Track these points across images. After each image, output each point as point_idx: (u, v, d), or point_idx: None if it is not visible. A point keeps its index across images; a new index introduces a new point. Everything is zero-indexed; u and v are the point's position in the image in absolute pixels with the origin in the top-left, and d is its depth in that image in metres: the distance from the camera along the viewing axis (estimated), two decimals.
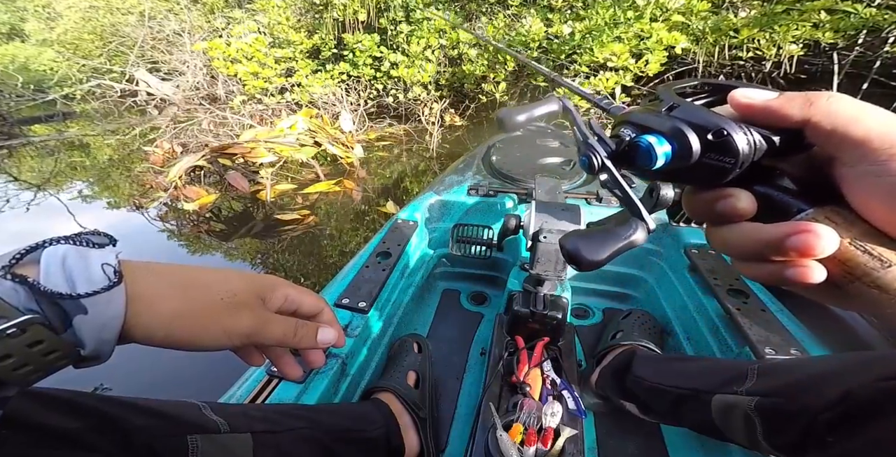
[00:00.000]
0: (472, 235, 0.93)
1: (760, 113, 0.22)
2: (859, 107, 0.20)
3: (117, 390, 1.21)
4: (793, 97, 0.22)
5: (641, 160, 0.24)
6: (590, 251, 0.26)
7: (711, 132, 0.22)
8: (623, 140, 0.26)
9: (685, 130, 0.23)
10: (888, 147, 0.19)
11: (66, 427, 0.34)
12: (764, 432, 0.50)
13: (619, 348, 0.83)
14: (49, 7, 6.37)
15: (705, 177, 0.23)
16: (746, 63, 3.55)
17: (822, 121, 0.20)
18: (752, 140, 0.21)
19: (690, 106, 0.24)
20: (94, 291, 0.26)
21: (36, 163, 3.59)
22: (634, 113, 0.26)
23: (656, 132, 0.24)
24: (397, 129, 3.86)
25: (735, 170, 0.22)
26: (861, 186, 0.20)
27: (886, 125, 0.19)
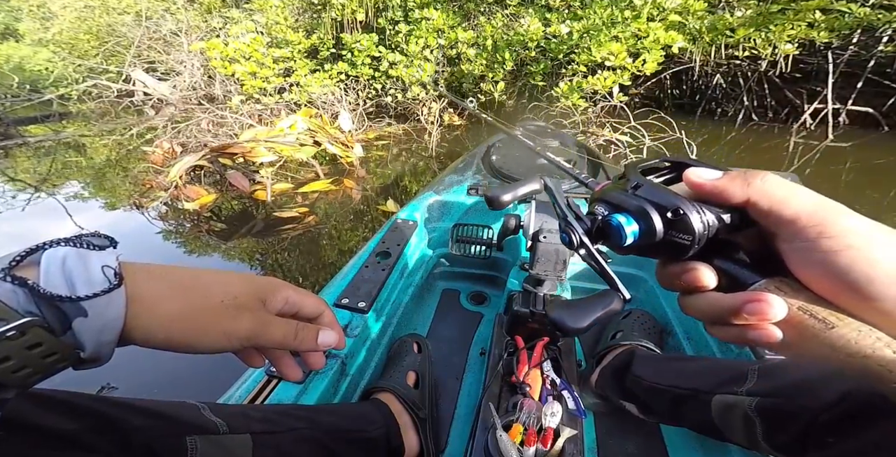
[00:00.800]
0: (472, 234, 0.93)
1: (709, 192, 0.25)
2: (789, 188, 0.23)
3: (117, 390, 1.22)
4: (734, 177, 0.25)
5: (613, 238, 0.27)
6: (573, 320, 0.30)
7: (670, 211, 0.25)
8: (597, 218, 0.29)
9: (649, 211, 0.26)
10: (815, 225, 0.22)
11: (64, 428, 0.34)
12: (764, 432, 0.50)
13: (619, 347, 0.83)
14: (44, 7, 6.32)
15: (670, 252, 0.26)
16: (742, 62, 3.58)
17: (759, 201, 0.23)
18: (704, 219, 0.24)
19: (652, 185, 0.27)
20: (94, 293, 0.26)
21: (32, 163, 3.57)
22: (606, 191, 0.29)
23: (625, 211, 0.27)
24: (396, 128, 3.86)
25: (694, 246, 0.25)
26: (798, 260, 0.23)
27: (813, 205, 0.22)
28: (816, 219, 0.22)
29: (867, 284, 0.21)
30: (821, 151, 3.28)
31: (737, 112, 4.14)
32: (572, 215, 0.32)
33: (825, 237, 0.22)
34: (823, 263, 0.22)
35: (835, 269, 0.21)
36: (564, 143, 1.33)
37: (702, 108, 4.34)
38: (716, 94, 4.26)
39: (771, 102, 4.05)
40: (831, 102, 3.54)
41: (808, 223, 0.22)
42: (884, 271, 0.20)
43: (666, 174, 0.29)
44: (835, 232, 0.21)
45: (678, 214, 0.25)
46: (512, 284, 0.85)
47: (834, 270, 0.21)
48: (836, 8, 2.64)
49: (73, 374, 0.30)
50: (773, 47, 2.94)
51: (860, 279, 0.21)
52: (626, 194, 0.27)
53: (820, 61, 3.55)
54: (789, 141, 3.54)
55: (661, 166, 0.30)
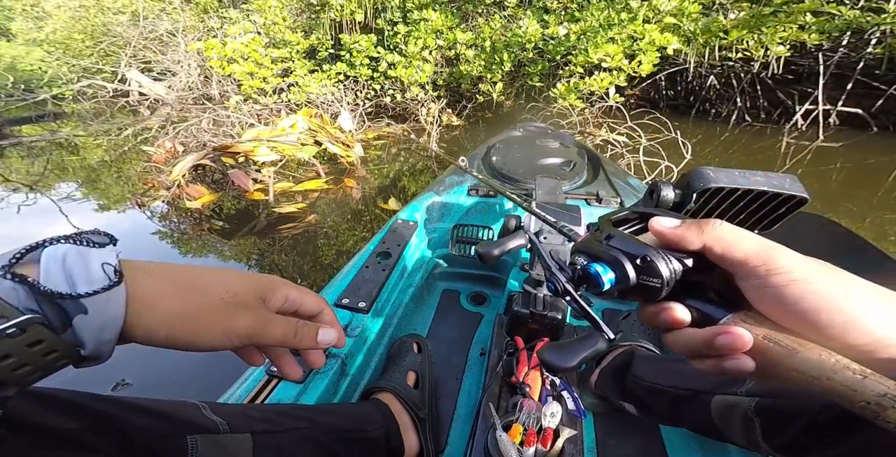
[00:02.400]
0: (472, 235, 0.93)
1: (671, 240, 0.28)
2: (736, 233, 0.26)
3: (131, 387, 1.21)
4: (690, 226, 0.28)
5: (593, 285, 0.30)
6: (562, 361, 0.32)
7: (639, 258, 0.28)
8: (577, 267, 0.32)
9: (621, 260, 0.29)
10: (762, 264, 0.25)
11: (65, 427, 0.34)
12: (763, 432, 0.50)
13: (619, 348, 0.83)
14: (37, 6, 6.28)
15: (644, 294, 0.29)
16: (735, 64, 3.61)
17: (713, 246, 0.27)
18: (670, 265, 0.27)
19: (622, 236, 0.30)
20: (94, 290, 0.26)
21: (27, 163, 3.55)
22: (584, 243, 0.32)
23: (601, 260, 0.30)
24: (395, 128, 3.86)
25: (664, 288, 0.27)
26: (755, 296, 0.26)
27: (757, 247, 0.25)
28: (762, 258, 0.25)
29: (816, 313, 0.23)
30: (812, 151, 3.32)
31: (730, 113, 4.18)
32: (556, 267, 0.35)
33: (773, 274, 0.24)
34: (775, 297, 0.24)
35: (785, 301, 0.24)
36: (564, 143, 1.33)
37: (696, 109, 4.38)
38: (710, 95, 4.30)
39: (763, 103, 4.10)
40: (822, 103, 3.58)
41: (756, 263, 0.25)
42: (826, 301, 0.23)
43: (636, 224, 0.33)
44: (780, 269, 0.24)
45: (646, 261, 0.28)
46: (512, 284, 0.85)
47: (785, 301, 0.24)
48: (826, 10, 2.69)
49: (86, 372, 0.30)
50: (765, 49, 2.99)
51: (809, 309, 0.23)
52: (601, 245, 0.30)
53: (811, 63, 3.60)
54: (781, 141, 3.58)
55: (631, 218, 0.34)
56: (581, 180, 1.14)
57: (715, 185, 0.42)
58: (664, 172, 2.63)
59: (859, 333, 0.23)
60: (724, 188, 0.42)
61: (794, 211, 0.39)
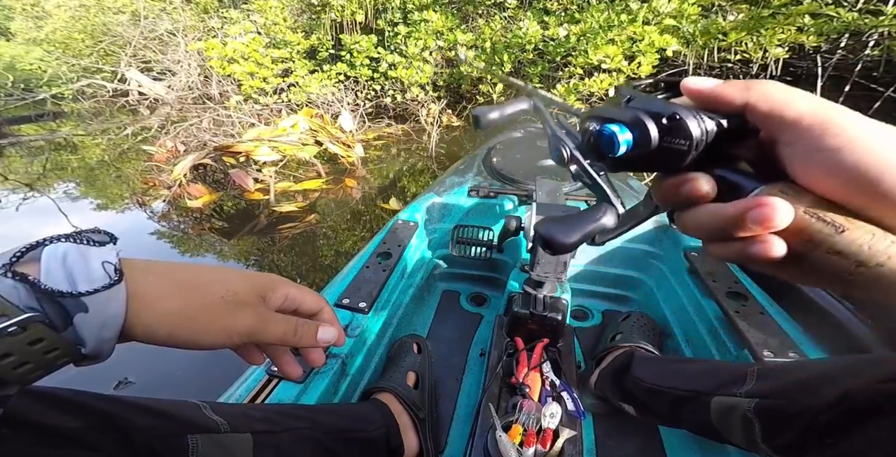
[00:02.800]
0: (473, 236, 0.93)
1: (707, 98, 0.24)
2: (789, 91, 0.22)
3: (134, 385, 1.21)
4: (733, 83, 0.24)
5: (606, 148, 0.26)
6: (562, 234, 0.28)
7: (665, 117, 0.24)
8: (588, 132, 0.28)
9: (642, 117, 0.24)
10: (818, 124, 0.21)
11: (66, 426, 0.34)
12: (763, 433, 0.50)
13: (618, 349, 0.83)
14: (37, 6, 6.27)
15: (666, 162, 0.25)
16: (734, 65, 3.62)
17: (759, 104, 0.22)
18: (702, 124, 0.23)
19: (646, 96, 0.26)
20: (95, 289, 0.26)
21: (26, 162, 3.54)
22: (598, 108, 0.28)
23: (618, 122, 0.26)
24: (395, 129, 3.86)
25: (691, 152, 0.23)
26: (802, 163, 0.22)
27: (815, 106, 0.21)
28: (819, 118, 0.21)
29: (877, 180, 0.19)
30: None
31: None
32: (563, 131, 0.30)
33: (829, 135, 0.20)
34: (829, 162, 0.20)
35: (841, 166, 0.20)
36: None
37: None
38: None
39: None
40: None
41: (811, 122, 0.21)
42: (893, 165, 0.19)
43: (663, 94, 0.28)
44: (839, 130, 0.20)
45: (674, 119, 0.23)
46: (512, 285, 0.85)
47: (840, 167, 0.20)
48: (824, 12, 2.70)
49: (88, 370, 0.30)
50: (763, 51, 3.00)
51: (869, 174, 0.19)
52: (619, 107, 0.26)
53: (809, 65, 3.60)
54: None
55: (657, 88, 0.29)
56: None
57: None
58: None
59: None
60: None
61: None
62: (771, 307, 0.77)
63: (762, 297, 0.81)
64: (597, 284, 1.10)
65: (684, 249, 0.95)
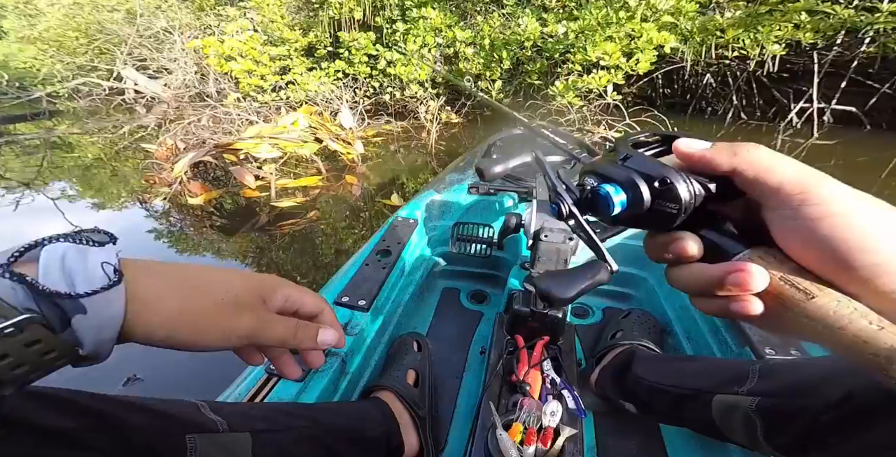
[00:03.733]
0: (473, 233, 0.93)
1: (697, 162, 0.25)
2: (774, 157, 0.23)
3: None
4: (722, 147, 0.25)
5: (602, 208, 0.28)
6: (560, 290, 0.30)
7: (657, 180, 0.25)
8: (586, 189, 0.29)
9: (637, 181, 0.26)
10: (799, 193, 0.22)
11: (64, 426, 0.34)
12: (764, 432, 0.50)
13: (619, 347, 0.83)
14: (30, 4, 6.21)
15: (657, 222, 0.26)
16: (732, 62, 3.63)
17: (745, 170, 0.24)
18: (691, 188, 0.25)
19: (641, 156, 0.27)
20: (94, 290, 0.26)
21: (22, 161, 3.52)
22: (596, 163, 0.29)
23: (614, 181, 0.27)
24: (395, 126, 3.86)
25: (680, 215, 0.25)
26: (782, 229, 0.23)
27: (797, 173, 0.22)
28: (800, 186, 0.22)
29: (847, 252, 0.21)
30: (807, 149, 3.36)
31: (726, 111, 4.22)
32: (562, 186, 0.32)
33: (808, 205, 0.22)
34: (806, 231, 0.22)
35: (816, 236, 0.21)
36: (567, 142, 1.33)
37: (692, 107, 4.41)
38: (706, 94, 4.33)
39: (759, 101, 4.13)
40: (816, 102, 3.62)
41: (791, 191, 0.22)
42: (863, 239, 0.20)
43: (656, 148, 0.30)
44: (817, 199, 0.22)
45: (665, 184, 0.25)
46: (512, 283, 0.85)
47: (816, 237, 0.21)
48: (821, 10, 2.72)
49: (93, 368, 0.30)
50: (760, 48, 3.02)
51: (840, 247, 0.21)
52: (616, 166, 0.27)
53: (806, 61, 3.62)
54: (777, 139, 3.62)
55: (651, 140, 0.30)
56: None
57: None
58: None
59: (890, 278, 0.20)
60: None
61: None
62: None
63: None
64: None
65: None
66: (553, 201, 0.32)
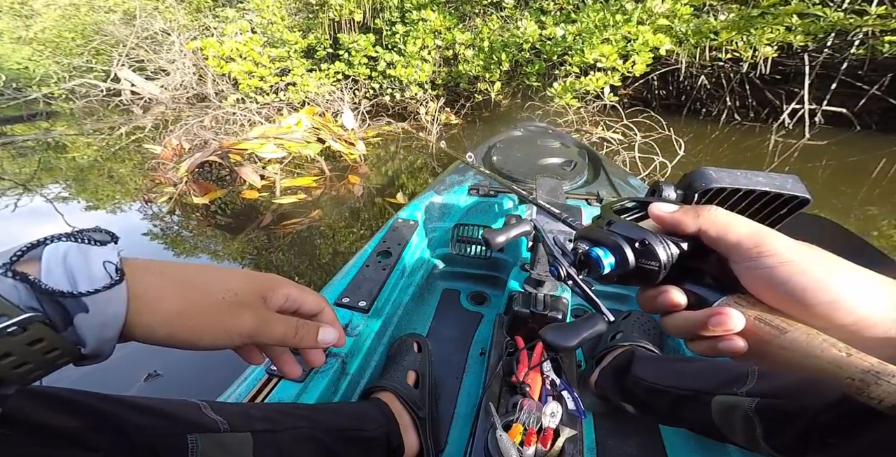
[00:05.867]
0: (473, 235, 0.93)
1: (668, 223, 0.30)
2: (730, 217, 0.28)
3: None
4: (687, 211, 0.29)
5: (594, 269, 0.32)
6: (563, 340, 0.34)
7: (637, 242, 0.29)
8: (579, 252, 0.33)
9: (621, 244, 0.30)
10: (755, 246, 0.26)
11: (66, 426, 0.34)
12: (764, 432, 0.50)
13: (619, 348, 0.83)
14: (26, 5, 6.18)
15: (643, 278, 0.30)
16: (725, 64, 3.67)
17: (708, 229, 0.28)
18: (667, 248, 0.29)
19: (622, 222, 0.31)
20: (96, 289, 0.26)
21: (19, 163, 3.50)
22: (586, 230, 0.34)
23: (602, 245, 0.31)
24: (395, 127, 3.87)
25: (662, 271, 0.29)
26: (747, 277, 0.27)
27: (750, 230, 0.27)
28: (755, 241, 0.26)
29: (802, 292, 0.24)
30: (799, 150, 3.39)
31: (720, 112, 4.26)
32: (559, 252, 0.37)
33: (764, 256, 0.25)
34: (766, 277, 0.26)
35: (775, 281, 0.25)
36: (565, 143, 1.33)
37: (687, 108, 4.44)
38: (700, 95, 4.37)
39: (752, 103, 4.18)
40: (808, 103, 3.65)
41: (748, 245, 0.26)
42: (815, 280, 0.24)
43: (637, 212, 0.34)
44: (771, 251, 0.25)
45: (644, 245, 0.29)
46: (512, 284, 0.85)
47: (774, 282, 0.25)
48: (811, 12, 2.76)
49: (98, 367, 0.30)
50: (753, 50, 3.06)
51: (796, 288, 0.24)
52: (602, 231, 0.32)
53: (797, 63, 3.67)
54: (769, 139, 3.66)
55: (631, 206, 0.35)
56: (582, 180, 1.14)
57: (717, 185, 0.42)
58: (658, 167, 2.69)
59: (844, 312, 0.24)
60: (726, 189, 0.42)
61: (795, 212, 0.39)
62: None
63: None
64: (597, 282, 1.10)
65: None
66: (552, 265, 0.37)
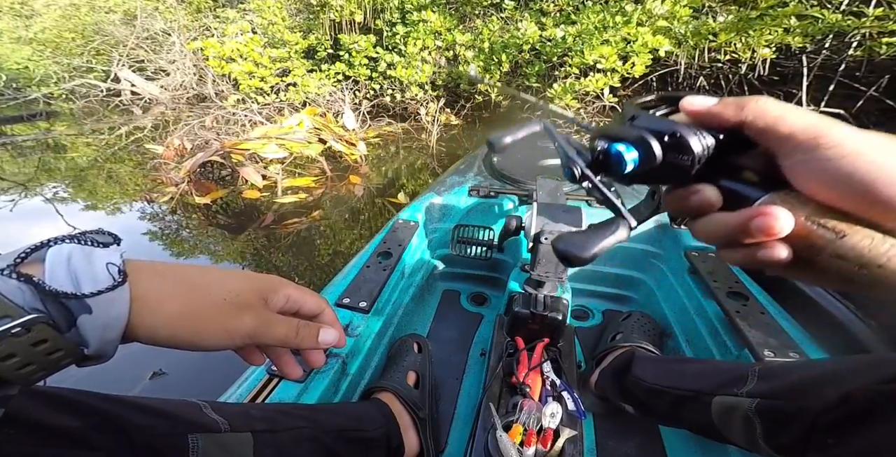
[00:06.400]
0: (473, 235, 0.93)
1: (705, 116, 0.26)
2: (782, 108, 0.23)
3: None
4: (728, 102, 0.25)
5: (615, 167, 0.28)
6: (579, 249, 0.29)
7: (667, 135, 0.25)
8: (597, 150, 0.29)
9: (647, 137, 0.26)
10: (812, 138, 0.22)
11: (67, 426, 0.34)
12: (764, 433, 0.50)
13: (619, 349, 0.83)
14: (26, 5, 6.17)
15: (673, 176, 0.26)
16: (724, 65, 3.67)
17: (754, 121, 0.24)
18: (702, 140, 0.25)
19: (648, 116, 0.27)
20: (99, 290, 0.26)
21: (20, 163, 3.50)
22: (605, 127, 0.30)
23: (624, 141, 0.27)
24: (396, 127, 3.87)
25: (695, 166, 0.25)
26: (801, 174, 0.23)
27: (807, 122, 0.23)
28: (812, 132, 0.22)
29: (871, 187, 0.20)
30: None
31: None
32: (573, 150, 0.32)
33: (824, 148, 0.22)
34: (826, 173, 0.22)
35: (837, 176, 0.21)
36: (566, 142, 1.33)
37: None
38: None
39: None
40: (806, 104, 3.64)
41: (804, 137, 0.22)
42: (886, 173, 0.20)
43: (663, 109, 0.30)
44: (832, 142, 0.21)
45: (675, 137, 0.25)
46: (512, 285, 0.85)
47: (837, 177, 0.21)
48: (809, 14, 2.77)
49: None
50: (752, 51, 3.07)
51: (865, 182, 0.20)
52: (625, 126, 0.28)
53: (795, 65, 3.65)
54: None
55: (658, 102, 0.31)
56: None
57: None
58: None
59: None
60: None
61: None
62: (772, 307, 0.77)
63: (763, 297, 0.81)
64: (597, 283, 1.11)
65: (685, 248, 0.95)
66: (565, 166, 0.32)
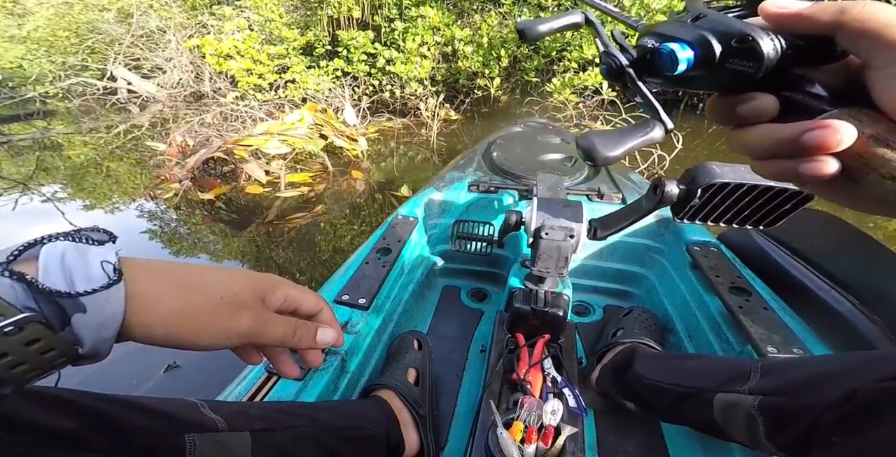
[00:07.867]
0: (473, 231, 0.93)
1: (791, 19, 0.22)
2: (894, 13, 0.20)
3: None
4: (825, 5, 0.22)
5: (663, 66, 0.25)
6: (605, 147, 0.26)
7: (736, 38, 0.22)
8: (646, 48, 0.26)
9: (709, 37, 0.23)
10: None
11: (63, 426, 0.34)
12: (766, 431, 0.50)
13: (620, 345, 0.83)
14: (18, 3, 6.12)
15: (729, 82, 0.24)
16: None
17: (855, 26, 0.20)
18: (777, 45, 0.21)
19: (716, 15, 0.24)
20: (94, 289, 0.26)
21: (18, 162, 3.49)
22: (660, 24, 0.26)
23: (680, 40, 0.24)
24: (395, 123, 3.86)
25: (758, 74, 0.22)
26: (888, 86, 0.20)
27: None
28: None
29: None
30: None
31: None
32: (615, 45, 0.28)
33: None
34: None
35: None
36: (565, 139, 1.33)
37: (684, 103, 4.42)
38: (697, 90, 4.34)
39: None
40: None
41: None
42: None
43: (738, 11, 0.26)
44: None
45: (746, 41, 0.22)
46: (513, 281, 0.85)
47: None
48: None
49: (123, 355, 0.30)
50: None
51: None
52: (684, 25, 0.24)
53: None
54: None
55: (732, 4, 0.26)
56: (582, 176, 1.13)
57: (720, 180, 0.42)
58: (657, 160, 2.71)
59: None
60: (730, 184, 0.42)
61: (799, 207, 0.39)
62: (774, 303, 0.77)
63: (766, 292, 0.80)
64: (598, 279, 1.10)
65: (686, 243, 0.94)
66: (603, 62, 0.28)
